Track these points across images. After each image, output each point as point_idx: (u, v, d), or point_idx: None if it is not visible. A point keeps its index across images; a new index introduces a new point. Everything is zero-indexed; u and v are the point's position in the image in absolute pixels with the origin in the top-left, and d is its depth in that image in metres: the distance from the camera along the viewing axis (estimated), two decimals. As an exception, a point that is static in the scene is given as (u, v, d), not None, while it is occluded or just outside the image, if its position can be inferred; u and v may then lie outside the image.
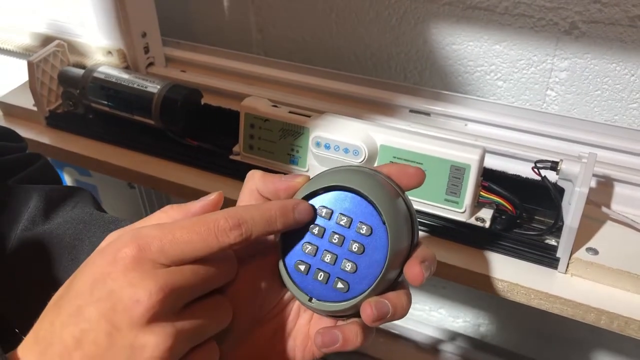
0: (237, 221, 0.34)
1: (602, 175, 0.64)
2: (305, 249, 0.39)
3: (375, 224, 0.38)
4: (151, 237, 0.33)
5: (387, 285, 0.38)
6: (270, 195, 0.40)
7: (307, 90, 0.81)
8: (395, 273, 0.39)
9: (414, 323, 1.16)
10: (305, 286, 0.39)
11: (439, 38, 0.81)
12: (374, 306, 0.36)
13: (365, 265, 0.38)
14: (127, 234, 0.33)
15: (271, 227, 0.36)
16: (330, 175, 0.40)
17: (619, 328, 0.55)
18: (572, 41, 0.73)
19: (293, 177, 0.40)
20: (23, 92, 0.84)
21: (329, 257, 0.38)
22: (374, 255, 0.37)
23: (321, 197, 0.39)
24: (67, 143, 0.80)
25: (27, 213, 0.52)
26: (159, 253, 0.32)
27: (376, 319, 0.36)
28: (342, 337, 0.37)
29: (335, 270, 0.38)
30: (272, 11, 0.91)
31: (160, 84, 0.74)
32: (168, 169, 0.74)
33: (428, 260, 0.38)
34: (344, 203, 0.38)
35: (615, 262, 0.56)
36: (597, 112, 0.77)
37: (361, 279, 0.38)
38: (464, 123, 0.73)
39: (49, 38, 0.87)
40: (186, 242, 0.33)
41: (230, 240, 0.34)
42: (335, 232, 0.38)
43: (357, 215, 0.38)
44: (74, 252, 0.49)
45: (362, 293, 0.37)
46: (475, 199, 0.61)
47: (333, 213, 0.39)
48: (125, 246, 0.32)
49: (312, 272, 0.39)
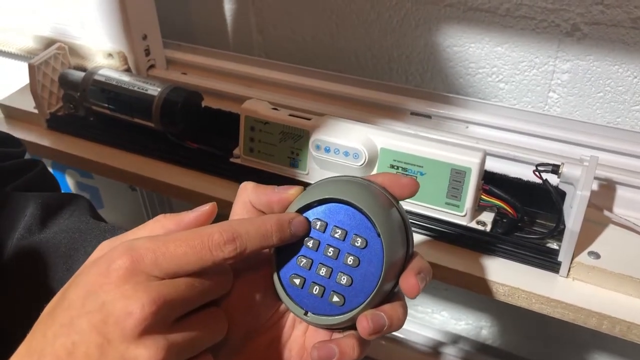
0: (232, 235, 0.34)
1: (604, 178, 0.63)
2: (300, 263, 0.38)
3: (370, 237, 0.37)
4: (145, 249, 0.32)
5: (383, 297, 0.38)
6: (264, 208, 0.40)
7: (308, 92, 0.81)
8: (391, 285, 0.38)
9: (416, 325, 1.16)
10: (300, 300, 0.38)
11: (440, 40, 0.81)
12: (370, 319, 0.36)
13: (361, 278, 0.37)
14: (121, 246, 0.33)
15: (267, 242, 0.36)
16: (324, 186, 0.39)
17: (621, 333, 0.54)
18: (574, 43, 0.73)
19: (286, 189, 0.40)
20: (24, 95, 0.84)
21: (324, 270, 0.38)
22: (370, 267, 0.37)
23: (315, 209, 0.39)
24: (67, 145, 0.80)
25: (24, 221, 0.51)
26: (153, 265, 0.32)
27: (372, 332, 0.36)
28: (338, 350, 0.37)
29: (331, 284, 0.38)
30: (273, 13, 0.91)
31: (160, 87, 0.74)
32: (168, 171, 0.74)
33: (423, 272, 0.38)
34: (338, 215, 0.38)
35: (617, 266, 0.56)
36: (600, 114, 0.76)
37: (357, 292, 0.37)
38: (465, 125, 0.73)
39: (50, 40, 0.87)
40: (180, 256, 0.32)
41: (224, 255, 0.33)
42: (330, 245, 0.38)
43: (351, 227, 0.38)
44: (69, 262, 0.49)
45: (358, 306, 0.37)
46: (476, 202, 0.60)
47: (327, 225, 0.38)
48: (118, 258, 0.32)
49: (307, 285, 0.38)
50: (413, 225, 0.62)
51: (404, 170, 0.61)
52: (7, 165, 0.57)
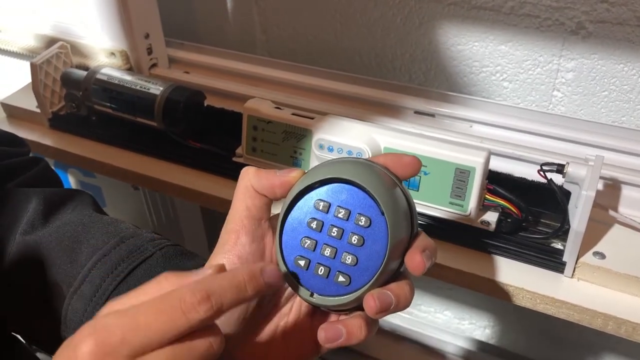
0: (205, 293, 0.30)
1: (609, 178, 0.63)
2: (304, 244, 0.38)
3: (374, 215, 0.37)
4: (111, 327, 0.29)
5: (388, 276, 0.38)
6: (266, 191, 0.40)
7: (311, 91, 0.81)
8: (397, 264, 0.38)
9: (419, 325, 1.16)
10: (306, 281, 0.38)
11: (444, 38, 0.80)
12: (376, 298, 0.36)
13: (366, 257, 0.37)
14: (87, 327, 0.30)
15: (242, 295, 0.32)
16: (326, 167, 0.39)
17: (627, 333, 0.54)
18: (579, 41, 0.72)
19: (288, 172, 0.40)
20: (26, 94, 0.84)
21: (328, 250, 0.38)
22: (374, 246, 0.37)
23: (318, 190, 0.39)
24: (70, 145, 0.80)
25: (27, 217, 0.51)
26: (121, 345, 0.29)
27: (379, 310, 0.36)
28: (345, 331, 0.37)
29: (336, 264, 0.38)
30: (276, 12, 0.91)
31: (162, 86, 0.74)
32: (170, 170, 0.74)
33: (429, 249, 0.38)
34: (341, 195, 0.38)
35: (622, 267, 0.55)
36: (605, 113, 0.76)
37: (362, 271, 0.37)
38: (469, 124, 0.73)
39: (52, 39, 0.86)
40: (151, 327, 0.29)
41: (199, 316, 0.30)
42: (333, 225, 0.38)
43: (355, 207, 0.38)
44: (72, 255, 0.49)
45: (364, 285, 0.37)
46: (480, 202, 0.60)
47: (331, 206, 0.38)
48: (81, 342, 0.29)
49: (313, 267, 0.38)
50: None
51: (407, 170, 0.61)
52: (9, 163, 0.57)
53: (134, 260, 0.48)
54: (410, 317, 1.16)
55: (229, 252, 0.40)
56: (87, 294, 0.47)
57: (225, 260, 0.40)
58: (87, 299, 0.46)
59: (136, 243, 0.49)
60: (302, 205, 0.39)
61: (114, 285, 0.46)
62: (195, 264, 0.48)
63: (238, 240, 0.40)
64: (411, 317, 1.16)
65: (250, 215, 0.40)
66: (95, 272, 0.47)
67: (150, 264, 0.48)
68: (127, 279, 0.47)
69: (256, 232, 0.40)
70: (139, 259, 0.48)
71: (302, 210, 0.39)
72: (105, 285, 0.46)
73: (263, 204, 0.40)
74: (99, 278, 0.47)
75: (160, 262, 0.48)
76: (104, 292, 0.46)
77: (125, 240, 0.49)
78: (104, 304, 0.41)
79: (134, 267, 0.47)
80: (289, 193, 0.39)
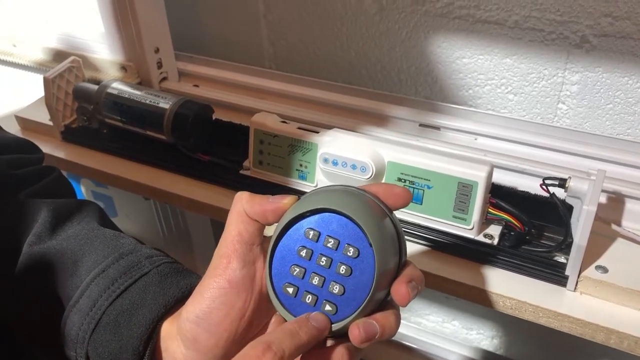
0: (266, 344, 0.35)
1: (612, 191, 0.63)
2: (293, 272, 0.39)
3: (362, 246, 0.38)
4: None
5: (375, 306, 0.39)
6: (258, 217, 0.41)
7: (318, 104, 0.82)
8: (383, 294, 0.39)
9: (427, 335, 1.16)
10: (293, 308, 0.39)
11: (449, 51, 0.81)
12: (361, 328, 0.37)
13: (353, 288, 0.38)
14: None
15: (297, 340, 0.36)
16: (317, 196, 0.40)
17: (629, 348, 0.54)
18: (583, 55, 0.73)
19: (280, 199, 0.41)
20: (39, 107, 0.85)
21: (317, 279, 0.39)
22: (362, 277, 0.38)
23: (309, 219, 0.39)
24: (81, 157, 0.81)
25: (35, 228, 0.52)
26: None
27: (364, 340, 0.37)
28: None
29: (323, 293, 0.39)
30: (284, 25, 0.92)
31: (172, 100, 0.75)
32: (179, 183, 0.75)
33: (415, 280, 0.39)
34: (331, 225, 0.39)
35: (625, 281, 0.56)
36: (609, 125, 0.76)
37: (349, 301, 0.38)
38: (473, 137, 0.73)
39: (65, 54, 0.88)
40: None
41: None
42: (323, 254, 0.39)
43: (344, 237, 0.39)
44: (74, 268, 0.50)
45: (350, 315, 0.38)
46: (483, 215, 0.61)
47: (320, 235, 0.39)
48: None
49: (301, 294, 0.39)
50: (420, 238, 0.63)
51: (411, 184, 0.61)
52: (23, 172, 0.58)
53: (130, 277, 0.48)
54: (418, 327, 1.16)
55: (220, 276, 0.41)
56: (84, 308, 0.47)
57: (215, 284, 0.41)
58: (84, 312, 0.47)
59: (134, 260, 0.50)
60: (292, 233, 0.40)
61: (109, 301, 0.47)
62: (188, 282, 0.48)
63: (229, 264, 0.41)
64: (419, 326, 1.16)
65: (242, 240, 0.41)
66: (93, 287, 0.48)
67: (146, 282, 0.48)
68: (123, 295, 0.47)
69: (247, 256, 0.41)
70: (136, 276, 0.48)
71: (293, 238, 0.40)
72: (102, 300, 0.47)
73: (255, 229, 0.42)
74: (96, 293, 0.47)
75: (155, 279, 0.48)
76: (100, 307, 0.47)
77: (124, 257, 0.50)
78: (99, 319, 0.42)
79: (130, 283, 0.48)
80: (281, 219, 0.40)
